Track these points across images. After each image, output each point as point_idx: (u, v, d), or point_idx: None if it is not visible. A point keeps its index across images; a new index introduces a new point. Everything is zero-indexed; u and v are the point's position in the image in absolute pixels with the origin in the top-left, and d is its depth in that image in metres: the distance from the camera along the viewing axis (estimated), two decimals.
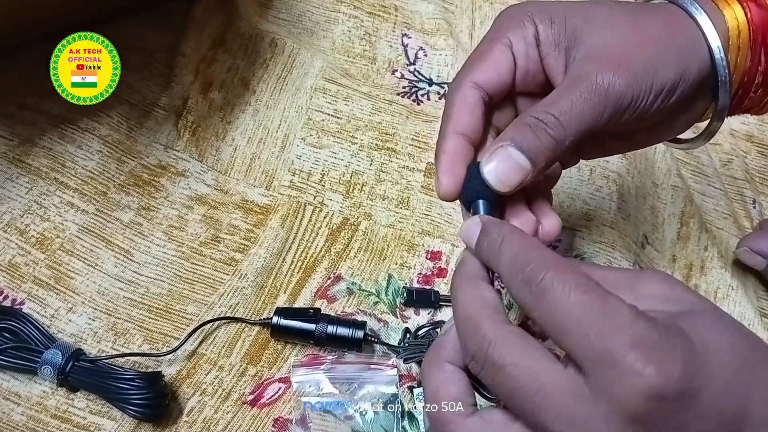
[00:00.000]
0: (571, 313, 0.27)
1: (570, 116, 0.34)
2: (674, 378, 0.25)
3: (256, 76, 0.60)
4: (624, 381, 0.25)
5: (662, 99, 0.36)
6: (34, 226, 0.50)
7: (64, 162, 0.53)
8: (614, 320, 0.26)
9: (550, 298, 0.27)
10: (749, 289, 0.58)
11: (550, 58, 0.37)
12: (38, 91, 0.54)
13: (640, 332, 0.26)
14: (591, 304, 0.27)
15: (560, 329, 0.27)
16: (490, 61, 0.37)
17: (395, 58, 0.64)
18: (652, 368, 0.25)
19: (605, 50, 0.36)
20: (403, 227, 0.56)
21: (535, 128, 0.34)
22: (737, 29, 0.38)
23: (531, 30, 0.38)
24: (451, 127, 0.37)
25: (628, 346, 0.25)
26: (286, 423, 0.46)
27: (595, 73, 0.35)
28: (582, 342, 0.26)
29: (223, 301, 0.50)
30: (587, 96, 0.35)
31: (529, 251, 0.30)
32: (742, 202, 0.62)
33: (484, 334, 0.29)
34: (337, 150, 0.58)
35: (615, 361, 0.25)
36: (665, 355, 0.25)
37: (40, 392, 0.45)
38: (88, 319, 0.48)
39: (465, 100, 0.37)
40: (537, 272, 0.28)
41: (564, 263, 0.29)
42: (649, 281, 0.30)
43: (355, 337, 0.48)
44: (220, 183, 0.55)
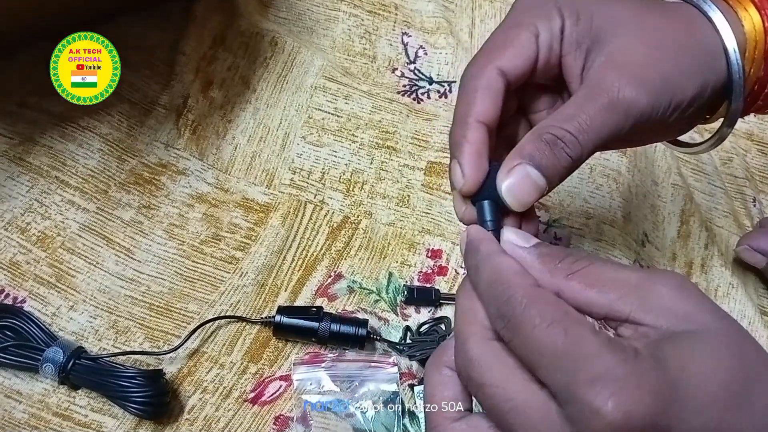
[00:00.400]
0: (539, 349, 0.27)
1: (588, 134, 0.33)
2: (638, 414, 0.25)
3: (256, 74, 0.60)
4: (585, 417, 0.25)
5: (680, 112, 0.36)
6: (35, 224, 0.50)
7: (64, 160, 0.53)
8: (578, 356, 0.26)
9: (521, 335, 0.28)
10: (749, 287, 0.58)
11: (570, 57, 0.36)
12: (39, 90, 0.54)
13: (602, 366, 0.25)
14: (556, 339, 0.27)
15: (531, 363, 0.28)
16: (518, 48, 0.35)
17: (395, 56, 0.64)
18: (611, 404, 0.25)
19: (625, 60, 0.35)
20: (404, 225, 0.56)
21: (553, 146, 0.33)
22: (755, 39, 0.37)
23: (558, 23, 0.36)
24: (475, 115, 0.34)
25: (588, 382, 0.25)
26: (287, 421, 0.46)
27: (616, 86, 0.34)
28: (551, 376, 0.27)
29: (224, 300, 0.50)
30: (606, 113, 0.33)
31: (501, 283, 0.29)
32: (742, 200, 0.62)
33: (467, 353, 0.30)
34: (338, 148, 0.58)
35: (576, 397, 0.25)
36: (629, 391, 0.25)
37: (42, 390, 0.45)
38: (89, 317, 0.48)
39: (489, 87, 0.35)
40: (507, 308, 0.28)
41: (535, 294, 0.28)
42: (662, 287, 0.29)
43: (358, 335, 0.48)
44: (221, 181, 0.55)
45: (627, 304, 0.28)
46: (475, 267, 0.31)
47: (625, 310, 0.28)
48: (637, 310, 0.28)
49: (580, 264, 0.30)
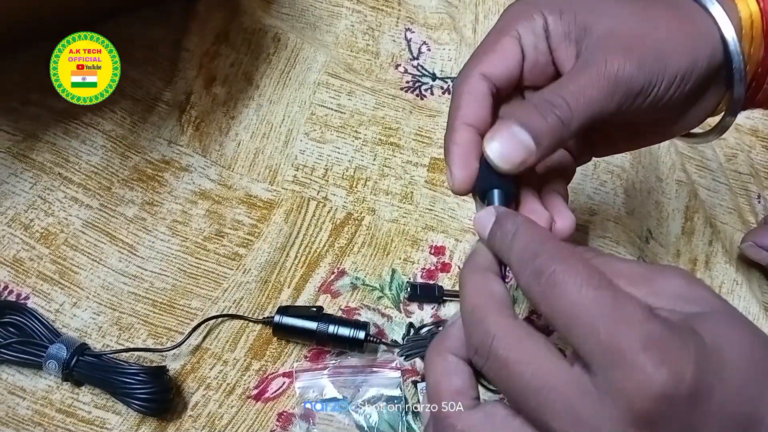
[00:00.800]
0: (581, 309, 0.26)
1: (578, 99, 0.34)
2: (686, 379, 0.24)
3: (259, 70, 0.60)
4: (634, 381, 0.24)
5: (675, 87, 0.35)
6: (38, 221, 0.50)
7: (67, 157, 0.53)
8: (626, 318, 0.25)
9: (559, 292, 0.27)
10: (754, 283, 0.58)
11: (561, 50, 0.37)
12: (41, 88, 0.54)
13: (652, 331, 0.25)
14: (603, 300, 0.26)
15: (569, 324, 0.26)
16: (499, 53, 0.37)
17: (398, 52, 0.64)
18: (664, 369, 0.24)
19: (614, 36, 0.35)
20: (407, 222, 0.56)
21: (541, 108, 0.34)
22: (750, 19, 0.37)
23: (540, 22, 0.37)
24: (460, 119, 0.36)
25: (640, 345, 0.24)
26: (290, 417, 0.46)
27: (604, 58, 0.34)
28: (591, 338, 0.25)
29: (227, 296, 0.50)
30: (596, 80, 0.34)
31: (541, 243, 0.29)
32: (746, 196, 0.62)
33: (489, 328, 0.28)
34: (341, 145, 0.58)
35: (625, 360, 0.25)
36: (677, 356, 0.24)
37: (45, 386, 0.45)
38: (92, 313, 0.48)
39: (473, 91, 0.36)
40: (548, 264, 0.27)
41: (577, 256, 0.28)
42: (669, 278, 0.29)
43: (356, 338, 0.48)
44: (224, 178, 0.55)
45: (638, 291, 0.28)
46: (512, 233, 0.30)
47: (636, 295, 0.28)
48: (647, 294, 0.28)
49: (589, 254, 0.30)
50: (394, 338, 0.50)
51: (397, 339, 0.50)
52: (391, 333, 0.50)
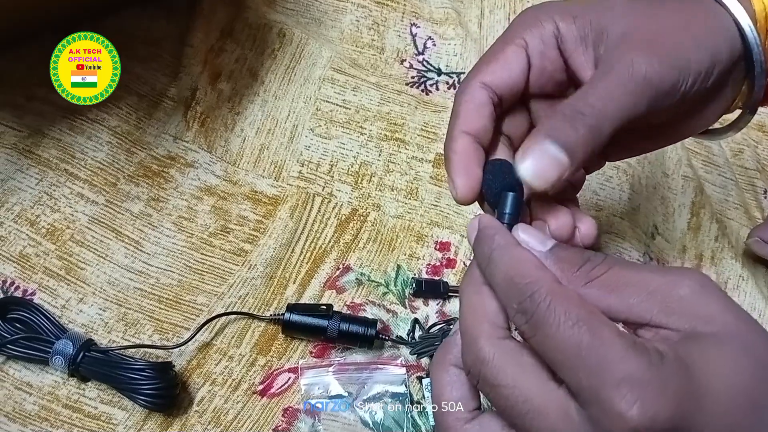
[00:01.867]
0: (562, 349, 0.26)
1: (607, 104, 0.32)
2: (661, 418, 0.25)
3: (264, 66, 0.60)
4: (609, 419, 0.25)
5: (701, 82, 0.34)
6: (44, 217, 0.50)
7: (73, 153, 0.53)
8: (604, 356, 0.26)
9: (544, 332, 0.27)
10: (760, 279, 0.58)
11: (577, 55, 0.36)
12: (47, 82, 0.53)
13: (628, 370, 0.25)
14: (581, 338, 0.26)
15: (553, 361, 0.27)
16: (501, 62, 0.36)
17: (404, 47, 0.64)
18: (636, 408, 0.24)
19: (634, 36, 0.34)
20: (412, 218, 0.56)
21: (571, 119, 0.32)
22: (764, 12, 0.36)
23: (550, 29, 0.36)
24: (459, 127, 0.35)
25: (615, 385, 0.25)
26: (296, 413, 0.47)
27: (629, 59, 0.33)
28: (572, 378, 0.26)
29: (232, 292, 0.50)
30: (625, 82, 0.33)
31: (522, 276, 0.29)
32: (753, 192, 0.62)
33: (479, 352, 0.29)
34: (346, 141, 0.58)
35: (600, 399, 0.25)
36: (653, 394, 0.25)
37: (52, 382, 0.45)
38: (98, 309, 0.48)
39: (473, 100, 0.35)
40: (531, 304, 0.28)
41: (558, 290, 0.28)
42: (682, 288, 0.28)
43: (367, 335, 0.48)
44: (229, 174, 0.55)
45: (647, 309, 0.28)
46: (489, 258, 0.30)
47: (645, 315, 0.28)
48: (658, 314, 0.28)
49: (599, 270, 0.29)
50: (399, 334, 0.50)
51: (402, 335, 0.50)
52: (396, 329, 0.50)
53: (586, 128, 0.32)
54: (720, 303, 0.28)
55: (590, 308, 0.27)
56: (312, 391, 0.47)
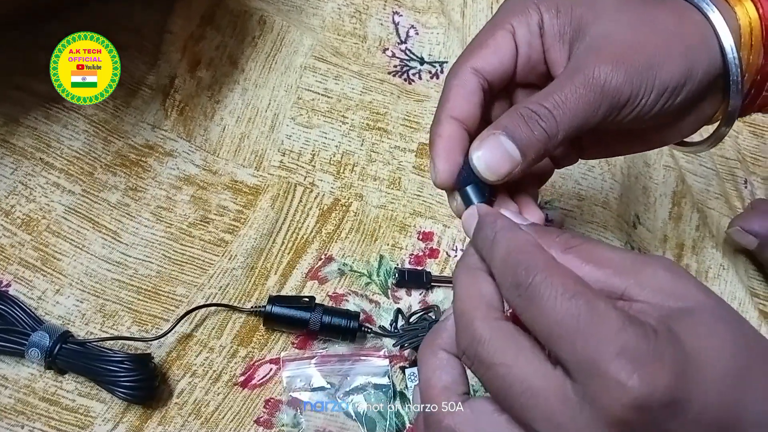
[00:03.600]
0: (558, 320, 0.26)
1: (563, 110, 0.33)
2: (660, 388, 0.25)
3: (244, 54, 0.59)
4: (608, 391, 0.25)
5: (666, 98, 0.35)
6: (19, 207, 0.49)
7: (49, 142, 0.52)
8: (601, 328, 0.26)
9: (538, 304, 0.27)
10: (740, 268, 0.58)
11: (554, 50, 0.36)
12: (24, 70, 0.53)
13: (626, 341, 0.25)
14: (578, 311, 0.26)
15: (549, 335, 0.27)
16: (492, 48, 0.36)
17: (386, 36, 0.63)
18: (636, 378, 0.24)
19: (607, 42, 0.35)
20: (395, 208, 0.55)
21: (528, 119, 0.33)
22: (749, 26, 0.36)
23: (536, 18, 0.36)
24: (447, 112, 0.35)
25: (613, 356, 0.25)
26: (278, 404, 0.46)
27: (593, 66, 0.34)
28: (569, 349, 0.26)
29: (212, 283, 0.50)
30: (582, 90, 0.33)
31: (520, 252, 0.29)
32: (733, 182, 0.62)
33: (475, 332, 0.29)
34: (328, 130, 0.57)
35: (600, 371, 0.25)
36: (652, 365, 0.25)
37: (28, 375, 0.45)
38: (75, 300, 0.47)
39: (463, 85, 0.36)
40: (526, 276, 0.28)
41: (556, 266, 0.28)
42: (657, 269, 0.29)
43: (350, 328, 0.47)
44: (209, 163, 0.55)
45: (622, 281, 0.28)
46: (492, 240, 0.31)
47: (620, 285, 0.28)
48: (632, 285, 0.28)
49: (575, 241, 0.30)
50: (382, 324, 0.50)
51: (385, 325, 0.50)
52: (379, 319, 0.50)
53: (539, 130, 0.33)
54: (689, 281, 0.29)
55: (585, 283, 0.27)
56: (294, 384, 0.47)
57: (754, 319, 0.55)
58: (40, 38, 0.53)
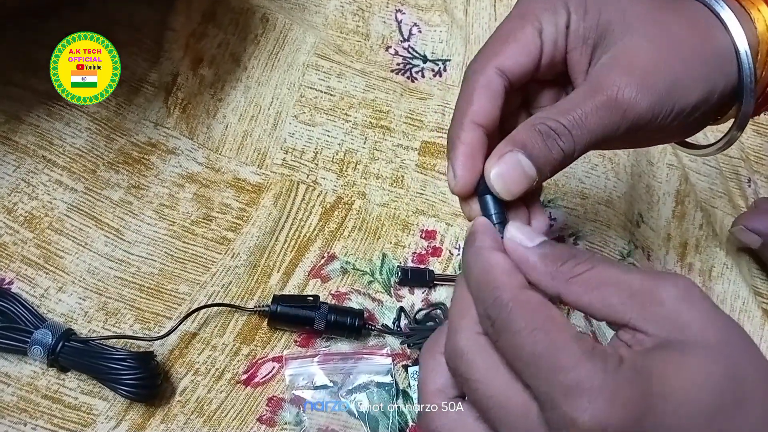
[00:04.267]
0: (522, 354, 0.27)
1: (582, 129, 0.33)
2: (613, 425, 0.25)
3: (247, 51, 0.59)
4: (562, 425, 0.25)
5: (684, 118, 0.35)
6: (22, 204, 0.49)
7: (51, 139, 0.52)
8: (558, 363, 0.26)
9: (506, 337, 0.28)
10: (743, 267, 0.58)
11: (576, 53, 0.35)
12: (24, 67, 0.53)
13: (580, 377, 0.26)
14: (537, 346, 0.27)
15: (515, 365, 0.28)
16: (521, 45, 0.34)
17: (389, 34, 0.63)
18: (588, 415, 0.25)
19: (632, 60, 0.34)
20: (398, 206, 0.55)
21: (546, 137, 0.32)
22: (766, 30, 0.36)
23: (564, 17, 0.35)
24: (471, 116, 0.34)
25: (567, 391, 0.25)
26: (280, 402, 0.46)
27: (616, 86, 0.33)
28: (532, 382, 0.27)
29: (215, 281, 0.50)
30: (603, 111, 0.33)
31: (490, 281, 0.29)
32: (737, 180, 0.62)
33: (456, 344, 0.30)
34: (331, 128, 0.57)
35: (555, 405, 0.26)
36: (605, 402, 0.25)
37: (31, 372, 0.44)
38: (78, 298, 0.47)
39: (489, 86, 0.34)
40: (495, 309, 0.28)
41: (522, 298, 0.28)
42: (666, 296, 0.28)
43: (354, 326, 0.47)
44: (212, 161, 0.54)
45: (627, 311, 0.28)
46: (467, 260, 0.31)
47: (624, 316, 0.28)
48: (636, 317, 0.28)
49: (582, 267, 0.29)
50: (384, 323, 0.50)
51: (388, 323, 0.50)
52: (381, 318, 0.50)
53: (557, 150, 0.33)
54: (702, 311, 0.28)
55: (550, 314, 0.28)
56: (297, 382, 0.46)
57: (757, 318, 0.55)
58: (40, 36, 0.53)
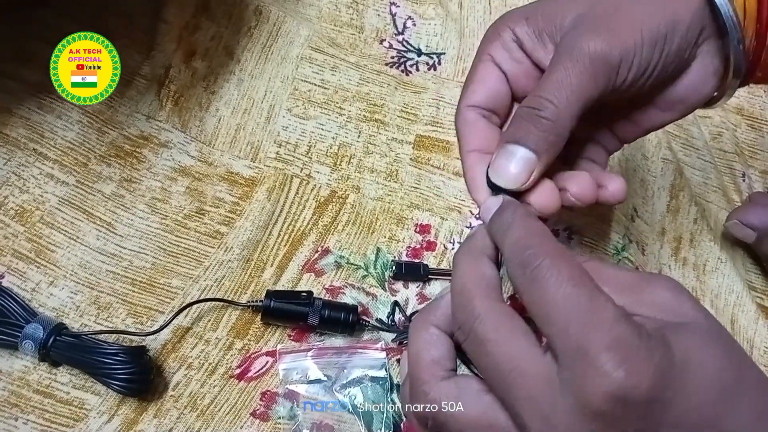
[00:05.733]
0: (556, 304, 0.27)
1: (559, 92, 0.33)
2: (643, 385, 0.25)
3: (240, 44, 0.59)
4: (592, 379, 0.25)
5: (659, 52, 0.35)
6: (12, 198, 0.49)
7: (42, 132, 0.51)
8: (596, 318, 0.26)
9: (540, 285, 0.28)
10: (738, 261, 0.58)
11: (538, 51, 0.37)
12: (15, 58, 0.52)
13: (619, 334, 0.26)
14: (578, 299, 0.27)
15: (544, 317, 0.28)
16: (477, 82, 0.38)
17: (383, 27, 0.62)
18: (621, 371, 0.25)
19: (584, 20, 0.35)
20: (392, 200, 0.55)
21: (528, 117, 0.34)
22: None
23: (508, 35, 0.38)
24: (465, 147, 0.38)
25: (604, 346, 0.26)
26: (274, 396, 0.46)
27: (574, 42, 0.34)
28: (561, 334, 0.27)
29: (208, 275, 0.49)
30: (570, 66, 0.34)
31: (533, 236, 0.30)
32: (731, 175, 0.62)
33: (474, 308, 0.30)
34: (324, 121, 0.57)
35: (588, 358, 0.26)
36: (639, 361, 0.25)
37: (22, 367, 0.44)
38: (69, 292, 0.47)
39: (467, 122, 0.38)
40: (534, 258, 0.29)
41: (564, 255, 0.29)
42: (657, 288, 0.30)
43: (349, 321, 0.47)
44: (204, 154, 0.54)
45: (622, 298, 0.29)
46: (508, 223, 0.32)
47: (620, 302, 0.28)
48: (631, 303, 0.29)
49: (581, 258, 0.31)
50: (379, 317, 0.50)
51: (383, 318, 0.49)
52: (376, 312, 0.50)
53: (542, 123, 0.34)
54: (689, 301, 0.29)
55: (590, 277, 0.28)
56: (291, 376, 0.46)
57: (751, 312, 0.55)
58: (31, 26, 0.53)
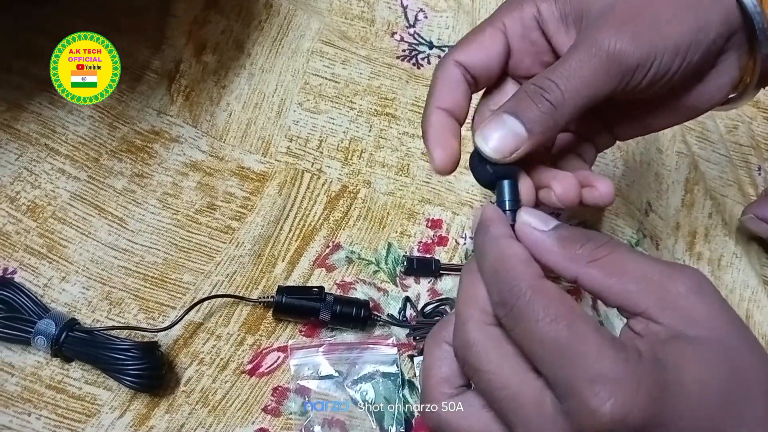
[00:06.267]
0: (541, 343, 0.27)
1: (569, 81, 0.33)
2: (635, 414, 0.25)
3: (250, 38, 0.58)
4: (583, 414, 0.26)
5: (680, 59, 0.34)
6: (24, 193, 0.49)
7: (54, 128, 0.51)
8: (581, 352, 0.26)
9: (522, 326, 0.28)
10: (753, 256, 0.57)
11: (559, 35, 0.36)
12: (24, 54, 0.52)
13: (602, 366, 0.26)
14: (558, 335, 0.27)
15: (532, 354, 0.28)
16: (478, 44, 0.37)
17: (394, 20, 0.62)
18: (608, 406, 0.25)
19: (611, 13, 0.34)
20: (403, 195, 0.55)
21: (532, 95, 0.33)
22: None
23: (530, 11, 0.36)
24: (433, 102, 0.36)
25: (588, 381, 0.26)
26: (286, 392, 0.46)
27: (596, 35, 0.33)
28: (550, 370, 0.27)
29: (219, 270, 0.49)
30: (587, 58, 0.33)
31: (506, 269, 0.30)
32: (747, 168, 0.61)
33: (466, 335, 0.30)
34: (335, 115, 0.57)
35: (575, 394, 0.26)
36: (627, 390, 0.25)
37: (34, 362, 0.44)
38: (81, 288, 0.47)
39: (447, 77, 0.36)
40: (510, 297, 0.28)
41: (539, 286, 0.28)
42: (683, 288, 0.28)
43: (360, 317, 0.47)
44: (215, 149, 0.54)
45: (644, 300, 0.28)
46: (481, 248, 0.31)
47: (641, 304, 0.28)
48: (653, 306, 0.28)
49: (601, 251, 0.30)
50: (390, 312, 0.49)
51: (394, 313, 0.49)
52: (387, 307, 0.50)
53: (544, 104, 0.33)
54: (713, 306, 0.28)
55: (569, 304, 0.28)
56: (302, 372, 0.46)
57: (766, 307, 0.54)
58: (40, 23, 0.53)
